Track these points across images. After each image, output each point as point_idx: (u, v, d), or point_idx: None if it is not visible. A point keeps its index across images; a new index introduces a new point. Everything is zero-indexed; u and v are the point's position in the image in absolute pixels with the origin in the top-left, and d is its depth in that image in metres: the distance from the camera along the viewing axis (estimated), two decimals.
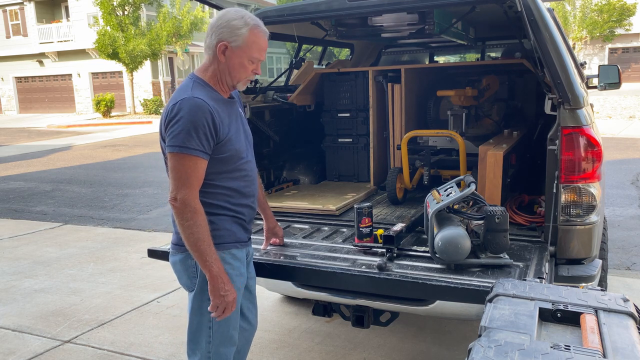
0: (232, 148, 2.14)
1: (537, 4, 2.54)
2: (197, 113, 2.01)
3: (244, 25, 2.07)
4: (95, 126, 23.28)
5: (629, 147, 11.44)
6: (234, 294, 2.12)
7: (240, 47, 2.08)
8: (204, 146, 2.03)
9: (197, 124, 2.00)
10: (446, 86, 3.98)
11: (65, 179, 10.58)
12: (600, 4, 29.56)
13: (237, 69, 2.12)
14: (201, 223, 2.03)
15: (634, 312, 1.52)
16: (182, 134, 2.00)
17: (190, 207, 2.02)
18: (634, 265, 4.82)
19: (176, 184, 2.03)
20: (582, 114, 2.48)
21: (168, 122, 2.04)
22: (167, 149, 2.05)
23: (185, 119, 2.00)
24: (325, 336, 3.62)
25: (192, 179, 2.03)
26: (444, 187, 2.74)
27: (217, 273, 2.06)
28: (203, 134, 2.01)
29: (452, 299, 2.29)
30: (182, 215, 2.03)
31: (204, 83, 2.14)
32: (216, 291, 2.08)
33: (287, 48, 32.40)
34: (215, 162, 2.11)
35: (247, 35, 2.07)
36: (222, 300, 2.09)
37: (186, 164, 2.02)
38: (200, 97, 2.04)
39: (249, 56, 2.10)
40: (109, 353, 3.52)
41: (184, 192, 2.02)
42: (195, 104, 2.02)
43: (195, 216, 2.02)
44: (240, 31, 2.07)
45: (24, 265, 5.35)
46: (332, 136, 4.30)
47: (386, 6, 2.90)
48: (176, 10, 26.43)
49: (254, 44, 2.09)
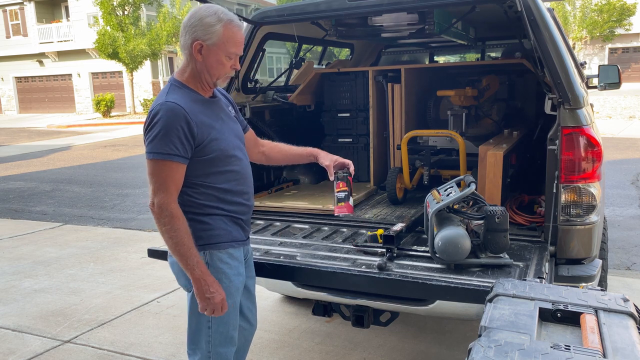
0: (217, 148, 2.12)
1: (537, 4, 2.54)
2: (169, 117, 1.99)
3: (217, 22, 2.04)
4: (95, 126, 23.28)
5: (629, 147, 11.44)
6: (220, 295, 2.09)
7: (216, 45, 2.05)
8: (179, 150, 2.01)
9: (170, 128, 1.99)
10: (446, 86, 3.98)
11: (65, 179, 10.58)
12: (600, 4, 29.54)
13: (215, 67, 2.09)
14: (179, 227, 2.01)
15: (634, 312, 1.52)
16: (156, 140, 1.99)
17: (167, 211, 2.01)
18: (634, 265, 4.82)
19: (153, 189, 2.02)
20: (582, 113, 2.48)
21: (145, 128, 2.05)
22: (145, 154, 2.05)
23: (159, 124, 1.99)
24: (325, 336, 3.62)
25: (168, 184, 2.02)
26: (444, 187, 2.74)
27: (199, 276, 2.05)
28: (177, 137, 2.00)
29: (452, 299, 2.29)
30: (159, 220, 2.02)
31: (181, 85, 2.12)
32: (201, 294, 2.07)
33: (287, 48, 32.38)
34: (202, 164, 2.10)
35: (222, 32, 2.04)
36: (208, 302, 2.08)
37: (162, 168, 2.01)
38: (174, 101, 2.02)
39: (226, 52, 2.07)
40: (109, 353, 3.52)
41: (160, 196, 2.01)
42: (168, 109, 2.00)
43: (172, 220, 2.01)
44: (214, 28, 2.04)
45: (24, 265, 5.35)
46: (332, 136, 4.29)
47: (386, 6, 2.90)
48: (176, 10, 26.45)
49: (230, 39, 2.06)
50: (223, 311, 2.12)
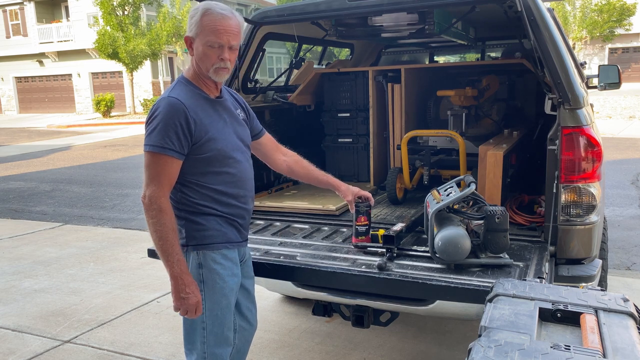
0: (214, 148, 2.12)
1: (537, 4, 2.54)
2: (169, 112, 2.02)
3: (195, 13, 2.08)
4: (95, 126, 23.28)
5: (629, 147, 11.44)
6: (196, 297, 2.08)
7: (197, 35, 2.08)
8: (176, 145, 2.03)
9: (169, 122, 2.01)
10: (446, 86, 3.98)
11: (65, 179, 10.58)
12: (600, 4, 29.54)
13: (202, 58, 2.10)
14: (165, 222, 2.02)
15: (634, 312, 1.52)
16: (154, 133, 2.02)
17: (156, 205, 2.01)
18: (634, 265, 4.82)
19: (146, 182, 2.04)
20: (582, 113, 2.48)
21: (146, 121, 2.08)
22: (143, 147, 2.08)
23: (158, 118, 2.03)
24: (325, 336, 3.62)
25: (161, 177, 2.03)
26: (444, 187, 2.73)
27: (177, 274, 2.05)
28: (174, 132, 2.02)
29: (452, 299, 2.29)
30: (147, 212, 2.03)
31: (187, 82, 2.15)
32: (177, 293, 2.07)
33: (287, 48, 32.38)
34: (198, 162, 2.11)
35: (200, 20, 2.06)
36: (183, 302, 2.07)
37: (157, 162, 2.03)
38: (176, 97, 2.05)
39: (206, 41, 2.06)
40: (109, 353, 3.52)
41: (151, 189, 2.02)
42: (169, 104, 2.04)
43: (160, 214, 2.01)
44: (194, 19, 2.07)
45: (24, 265, 5.35)
46: (332, 136, 4.29)
47: (386, 6, 2.90)
48: (176, 10, 26.44)
49: (207, 27, 2.05)
50: (197, 314, 2.11)
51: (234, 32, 2.09)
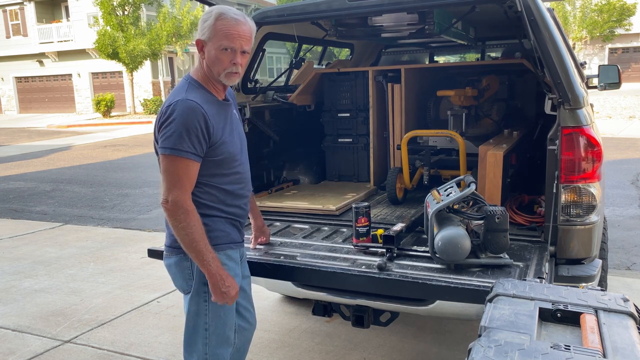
0: (226, 151, 2.15)
1: (537, 4, 2.54)
2: (189, 115, 2.01)
3: (209, 17, 2.08)
4: (95, 126, 23.27)
5: (629, 147, 11.44)
6: (235, 288, 2.13)
7: (210, 39, 2.08)
8: (196, 149, 2.03)
9: (189, 126, 2.00)
10: (446, 86, 3.98)
11: (65, 179, 10.58)
12: (600, 4, 29.55)
13: (214, 62, 2.10)
14: (195, 224, 2.03)
15: (634, 312, 1.52)
16: (174, 136, 2.00)
17: (183, 208, 2.02)
18: (634, 265, 4.82)
19: (168, 186, 2.03)
20: (582, 114, 2.48)
21: (161, 124, 2.05)
22: (159, 150, 2.06)
23: (177, 121, 2.01)
24: (325, 336, 3.62)
25: (184, 181, 2.04)
26: (444, 187, 2.74)
27: (215, 271, 2.07)
28: (195, 136, 2.02)
29: (452, 299, 2.29)
30: (175, 217, 2.03)
31: (198, 85, 2.15)
32: (217, 289, 2.09)
33: (287, 48, 32.39)
34: (210, 164, 2.12)
35: (213, 25, 2.07)
36: (225, 296, 2.11)
37: (178, 165, 2.02)
38: (193, 100, 2.05)
39: (219, 45, 2.07)
40: (109, 353, 3.52)
41: (175, 193, 2.02)
42: (188, 107, 2.02)
43: (188, 217, 2.02)
44: (207, 23, 2.08)
45: (24, 265, 5.35)
46: (332, 136, 4.29)
47: (386, 6, 2.90)
48: (176, 10, 26.42)
49: (220, 31, 2.06)
50: (233, 301, 2.18)
51: (247, 37, 2.11)
